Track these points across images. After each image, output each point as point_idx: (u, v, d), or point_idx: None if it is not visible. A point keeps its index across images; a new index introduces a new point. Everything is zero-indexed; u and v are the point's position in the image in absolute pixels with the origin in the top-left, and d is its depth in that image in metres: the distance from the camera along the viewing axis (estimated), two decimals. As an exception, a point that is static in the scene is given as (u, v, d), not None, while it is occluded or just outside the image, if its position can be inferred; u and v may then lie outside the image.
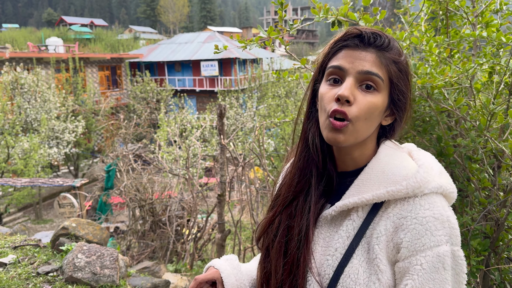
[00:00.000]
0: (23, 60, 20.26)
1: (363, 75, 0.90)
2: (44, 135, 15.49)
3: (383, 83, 0.92)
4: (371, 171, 0.95)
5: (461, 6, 2.08)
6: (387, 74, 0.93)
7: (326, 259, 0.95)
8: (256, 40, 1.93)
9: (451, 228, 0.88)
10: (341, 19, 1.81)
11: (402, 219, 0.89)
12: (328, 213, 0.98)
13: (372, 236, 0.91)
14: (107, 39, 45.09)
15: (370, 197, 0.92)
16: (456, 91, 2.07)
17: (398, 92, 0.95)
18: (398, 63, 0.94)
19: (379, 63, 0.91)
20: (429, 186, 0.90)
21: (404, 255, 0.87)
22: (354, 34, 0.93)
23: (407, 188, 0.89)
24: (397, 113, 0.98)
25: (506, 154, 1.76)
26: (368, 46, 0.92)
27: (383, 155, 0.97)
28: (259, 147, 5.36)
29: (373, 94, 0.91)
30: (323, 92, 0.94)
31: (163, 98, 23.44)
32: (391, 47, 0.94)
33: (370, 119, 0.92)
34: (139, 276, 3.69)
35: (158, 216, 6.83)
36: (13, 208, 15.23)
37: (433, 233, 0.85)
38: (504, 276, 1.95)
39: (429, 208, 0.88)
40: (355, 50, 0.92)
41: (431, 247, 0.85)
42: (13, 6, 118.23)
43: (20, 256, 3.77)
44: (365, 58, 0.91)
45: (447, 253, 0.85)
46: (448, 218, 0.88)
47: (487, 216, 1.91)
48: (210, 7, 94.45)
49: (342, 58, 0.93)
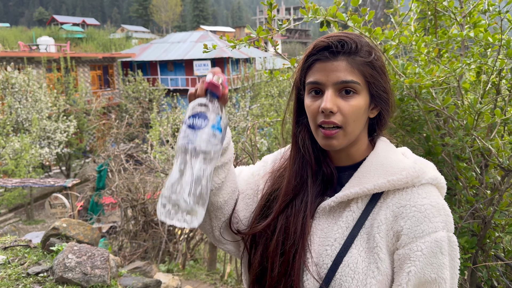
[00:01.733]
0: (14, 60, 20.09)
1: (340, 85, 0.95)
2: (36, 135, 15.37)
3: (360, 86, 0.97)
4: (370, 164, 1.00)
5: (449, 7, 2.10)
6: (362, 76, 0.97)
7: (324, 249, 0.98)
8: (245, 40, 1.93)
9: (447, 215, 0.94)
10: (330, 20, 1.82)
11: (401, 207, 0.94)
12: (327, 203, 1.02)
13: (373, 226, 0.95)
14: (99, 38, 44.81)
15: (372, 187, 0.96)
16: (444, 90, 2.09)
17: (376, 88, 1.00)
18: (370, 62, 0.98)
19: (351, 69, 0.96)
20: (426, 176, 0.96)
21: (404, 242, 0.91)
22: (322, 46, 0.97)
23: (407, 177, 0.95)
24: (381, 105, 1.03)
25: (493, 153, 1.79)
26: (337, 54, 0.96)
27: (381, 150, 1.03)
28: (251, 146, 5.36)
29: (353, 98, 0.96)
30: (308, 105, 1.00)
31: (156, 97, 23.35)
32: (360, 49, 0.97)
33: (357, 119, 0.97)
34: (130, 276, 3.68)
35: (150, 216, 6.81)
36: (4, 209, 15.09)
37: (431, 220, 0.91)
38: (492, 274, 1.97)
39: (426, 197, 0.93)
40: (327, 62, 0.96)
41: (429, 233, 0.90)
42: (4, 5, 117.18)
43: (10, 256, 3.74)
44: (337, 68, 0.95)
45: (444, 238, 0.91)
46: (443, 206, 0.94)
47: (475, 214, 1.93)
48: (203, 6, 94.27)
49: (316, 72, 0.98)
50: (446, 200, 2.05)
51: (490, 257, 1.99)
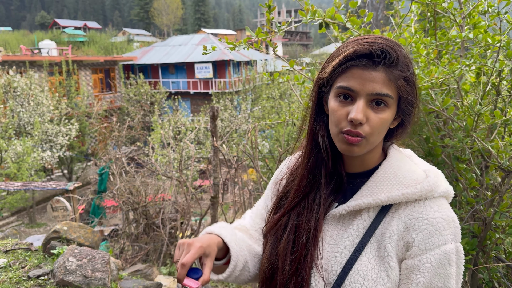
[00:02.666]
0: (16, 63, 20.13)
1: (373, 96, 0.93)
2: (37, 139, 15.39)
3: (392, 100, 0.95)
4: (383, 174, 1.00)
5: (449, 8, 2.10)
6: (396, 90, 0.95)
7: (334, 255, 0.98)
8: (245, 42, 1.93)
9: (456, 228, 0.95)
10: (329, 21, 1.82)
11: (413, 219, 0.94)
12: (337, 211, 1.02)
13: (384, 235, 0.96)
14: (101, 42, 44.96)
15: (385, 199, 0.96)
16: (444, 92, 2.09)
17: (406, 103, 0.98)
18: (407, 77, 0.96)
19: (388, 82, 0.93)
20: (438, 190, 0.97)
21: (414, 253, 0.93)
22: (363, 53, 0.93)
23: (421, 191, 0.95)
24: (404, 117, 1.01)
25: (493, 154, 1.78)
26: (378, 65, 0.92)
27: (394, 160, 1.02)
28: (252, 148, 5.37)
29: (383, 111, 0.94)
30: (334, 108, 0.96)
31: (157, 100, 23.38)
32: (400, 62, 0.94)
33: (381, 131, 0.97)
34: (130, 279, 3.67)
35: (152, 218, 6.81)
36: (6, 212, 15.11)
37: (441, 233, 0.92)
38: (492, 275, 1.96)
39: (438, 210, 0.94)
40: (365, 70, 0.92)
41: (439, 245, 0.91)
42: (5, 9, 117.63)
43: (11, 260, 3.74)
44: (375, 79, 0.92)
45: (452, 250, 0.92)
46: (453, 218, 0.95)
47: (475, 216, 1.93)
48: (204, 9, 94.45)
49: (351, 78, 0.93)
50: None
51: (491, 259, 1.99)
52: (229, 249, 1.09)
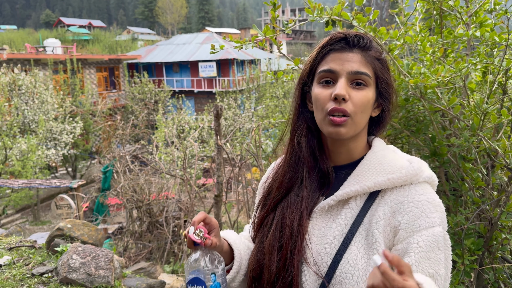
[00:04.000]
0: (20, 62, 20.23)
1: (353, 75, 0.99)
2: (42, 137, 15.45)
3: (370, 79, 1.01)
4: (369, 163, 1.03)
5: (455, 6, 2.08)
6: (373, 70, 1.02)
7: (323, 247, 0.98)
8: (253, 40, 1.92)
9: (442, 213, 0.96)
10: (335, 19, 1.81)
11: (399, 204, 0.96)
12: (326, 203, 1.03)
13: (371, 222, 0.96)
14: (105, 40, 45.03)
15: (372, 185, 0.99)
16: (450, 90, 2.07)
17: (384, 84, 1.05)
18: (380, 59, 1.04)
19: (365, 62, 1.00)
20: (423, 175, 0.99)
21: (402, 236, 0.92)
22: (339, 37, 1.02)
23: (406, 175, 0.97)
24: (384, 103, 1.07)
25: (500, 154, 1.76)
26: (353, 47, 1.01)
27: (378, 149, 1.05)
28: (256, 147, 5.36)
29: (364, 90, 0.99)
30: (318, 93, 1.01)
31: (161, 99, 23.41)
32: (373, 46, 1.03)
33: (364, 111, 1.00)
34: (134, 277, 3.67)
35: (155, 217, 6.82)
36: (11, 210, 15.19)
37: (428, 215, 0.93)
38: (498, 276, 1.94)
39: (423, 194, 0.96)
40: (342, 53, 1.01)
41: (426, 227, 0.91)
42: (11, 7, 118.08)
43: (15, 257, 3.76)
44: (353, 59, 0.99)
45: (440, 233, 0.92)
46: (439, 203, 0.97)
47: (481, 216, 1.91)
48: (208, 8, 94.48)
49: (331, 61, 1.01)
50: (451, 201, 2.04)
51: (497, 259, 1.97)
52: (233, 250, 1.11)
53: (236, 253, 1.11)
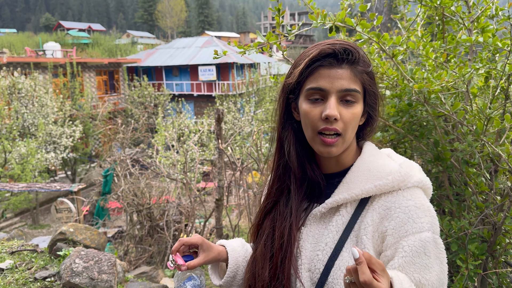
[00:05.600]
0: (20, 65, 20.23)
1: (343, 93, 0.97)
2: (42, 140, 15.43)
3: (359, 94, 0.99)
4: (357, 170, 1.02)
5: (457, 12, 2.10)
6: (362, 84, 1.00)
7: (316, 254, 1.00)
8: (255, 46, 1.94)
9: (432, 217, 0.94)
10: (339, 25, 1.82)
11: (386, 210, 0.95)
12: (318, 210, 1.04)
13: (360, 228, 0.96)
14: (105, 44, 45.09)
15: (359, 192, 0.98)
16: (453, 95, 2.08)
17: (372, 96, 1.04)
18: (368, 72, 1.02)
19: (354, 78, 0.98)
20: (411, 180, 0.98)
21: (389, 242, 0.92)
22: (328, 53, 0.97)
23: (393, 181, 0.97)
24: (371, 111, 1.06)
25: (503, 158, 1.78)
26: (342, 62, 0.97)
27: (367, 155, 1.04)
28: (257, 151, 5.37)
29: (353, 106, 0.98)
30: (307, 111, 0.99)
31: (161, 102, 23.43)
32: (361, 59, 1.00)
33: (354, 126, 1.00)
34: (136, 281, 3.67)
35: (156, 220, 6.81)
36: (10, 213, 15.14)
37: (415, 221, 0.92)
38: (502, 280, 1.95)
39: (411, 199, 0.95)
40: (331, 69, 0.97)
41: (413, 233, 0.91)
42: (10, 11, 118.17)
43: (18, 261, 3.75)
44: (342, 76, 0.97)
45: (429, 239, 0.91)
46: (428, 208, 0.95)
47: (485, 220, 1.92)
48: (208, 12, 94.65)
49: (320, 78, 0.97)
50: (455, 206, 2.05)
51: (500, 264, 1.98)
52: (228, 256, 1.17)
53: (232, 261, 1.18)
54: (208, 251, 1.13)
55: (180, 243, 1.11)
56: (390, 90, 2.21)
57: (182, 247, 1.11)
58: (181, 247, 1.11)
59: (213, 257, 1.15)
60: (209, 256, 1.13)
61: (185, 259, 1.10)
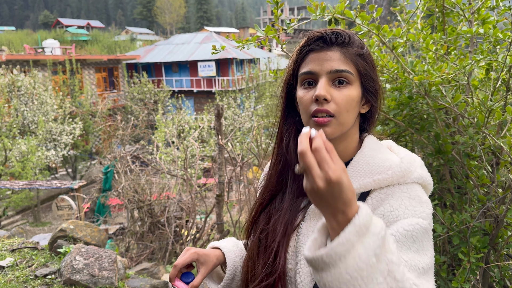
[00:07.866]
0: (19, 63, 20.21)
1: (333, 74, 0.96)
2: (42, 138, 15.44)
3: (353, 76, 0.97)
4: (357, 164, 1.00)
5: (457, 3, 2.08)
6: (355, 67, 0.98)
7: None
8: (254, 40, 1.92)
9: (427, 208, 0.93)
10: (338, 17, 1.80)
11: (380, 200, 0.96)
12: None
13: None
14: (104, 41, 45.02)
15: (358, 186, 0.97)
16: (454, 88, 2.06)
17: (369, 80, 1.01)
18: (362, 54, 1.00)
19: (344, 59, 0.97)
20: (411, 176, 0.97)
21: None
22: (317, 37, 0.99)
23: (392, 176, 0.95)
24: (372, 99, 1.04)
25: (505, 151, 1.76)
26: (331, 45, 0.97)
27: (367, 149, 1.02)
28: (257, 147, 5.35)
29: (346, 88, 0.96)
30: (301, 96, 0.99)
31: (161, 99, 23.40)
32: (353, 42, 0.99)
33: (350, 110, 0.97)
34: (138, 278, 3.67)
35: (157, 217, 6.81)
36: (11, 211, 15.17)
37: (407, 208, 0.91)
38: (504, 273, 1.94)
39: (407, 191, 0.95)
40: (321, 52, 0.97)
41: (403, 219, 0.90)
42: (9, 9, 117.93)
43: (18, 258, 3.75)
44: (331, 57, 0.96)
45: (419, 225, 0.89)
46: (426, 200, 0.94)
47: (486, 213, 1.91)
48: (207, 7, 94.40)
49: (310, 62, 0.98)
50: (456, 199, 2.03)
51: (502, 257, 1.97)
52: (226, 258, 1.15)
53: (229, 262, 1.16)
54: (207, 263, 1.11)
55: (176, 269, 1.08)
56: (391, 84, 2.19)
57: (178, 273, 1.09)
58: (177, 273, 1.09)
59: (212, 265, 1.13)
60: (209, 267, 1.11)
61: (185, 280, 1.07)
